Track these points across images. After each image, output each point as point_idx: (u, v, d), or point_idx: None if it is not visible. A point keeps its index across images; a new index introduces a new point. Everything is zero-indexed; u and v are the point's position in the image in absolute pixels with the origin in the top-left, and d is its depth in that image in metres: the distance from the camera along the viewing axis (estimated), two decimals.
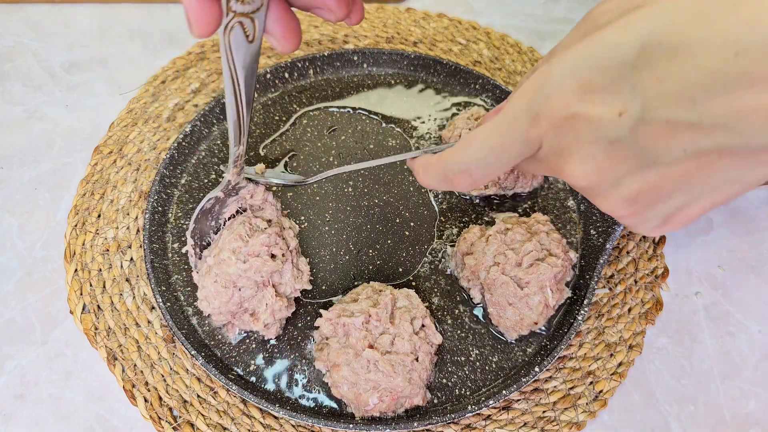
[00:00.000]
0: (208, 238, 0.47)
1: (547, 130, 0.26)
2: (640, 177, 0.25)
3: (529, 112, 0.25)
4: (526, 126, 0.26)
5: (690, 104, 0.22)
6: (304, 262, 0.48)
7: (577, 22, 0.28)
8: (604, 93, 0.23)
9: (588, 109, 0.24)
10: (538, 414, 0.45)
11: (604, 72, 0.23)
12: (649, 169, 0.25)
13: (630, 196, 0.26)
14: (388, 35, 0.71)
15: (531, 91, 0.25)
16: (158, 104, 0.62)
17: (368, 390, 0.42)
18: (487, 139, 0.27)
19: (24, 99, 0.64)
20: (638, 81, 0.23)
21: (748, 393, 0.47)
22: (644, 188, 0.25)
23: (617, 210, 0.27)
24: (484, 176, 0.29)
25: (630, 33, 0.23)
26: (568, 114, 0.24)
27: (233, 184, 0.44)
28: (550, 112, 0.25)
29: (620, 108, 0.23)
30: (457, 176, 0.29)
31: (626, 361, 0.48)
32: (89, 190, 0.56)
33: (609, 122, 0.24)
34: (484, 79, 0.62)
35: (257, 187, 0.47)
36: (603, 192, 0.26)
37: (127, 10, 0.73)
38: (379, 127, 0.60)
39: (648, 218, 0.27)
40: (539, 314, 0.46)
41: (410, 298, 0.46)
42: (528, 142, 0.26)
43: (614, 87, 0.23)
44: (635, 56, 0.22)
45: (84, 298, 0.49)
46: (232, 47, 0.32)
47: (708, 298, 0.52)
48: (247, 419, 0.44)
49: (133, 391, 0.45)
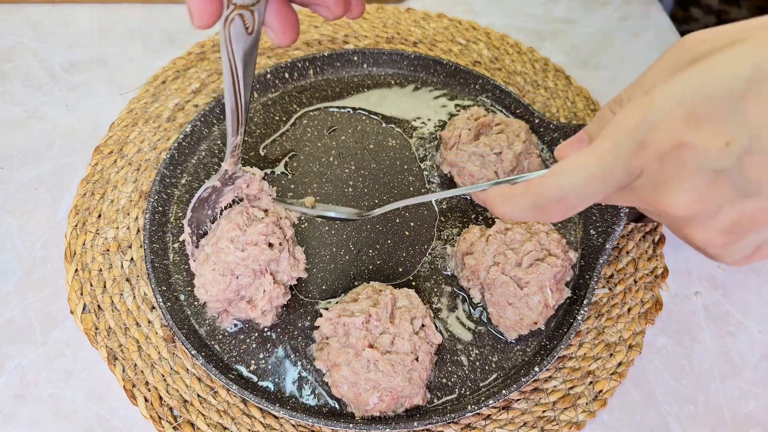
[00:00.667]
0: (204, 227, 0.48)
1: (651, 159, 0.25)
2: (739, 207, 0.25)
3: (633, 139, 0.25)
4: (629, 154, 0.26)
5: None
6: (300, 251, 0.48)
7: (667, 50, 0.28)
8: (712, 123, 0.24)
9: (696, 138, 0.24)
10: (538, 414, 0.45)
11: (712, 102, 0.23)
12: (749, 199, 0.25)
13: (726, 227, 0.26)
14: (388, 35, 0.71)
15: (634, 119, 0.25)
16: (158, 104, 0.63)
17: (368, 390, 0.42)
18: (586, 167, 0.27)
19: (24, 99, 0.64)
20: (746, 112, 0.23)
21: (748, 393, 0.47)
22: (742, 219, 0.26)
23: (713, 240, 0.27)
24: (580, 205, 0.28)
25: (737, 65, 0.23)
26: (675, 143, 0.24)
27: (230, 173, 0.45)
28: (657, 140, 0.25)
29: (728, 138, 0.23)
30: (551, 205, 0.28)
31: (626, 360, 0.48)
32: (89, 190, 0.56)
33: (716, 152, 0.24)
34: (484, 80, 0.62)
35: (253, 177, 0.47)
36: (701, 222, 0.26)
37: (127, 10, 0.73)
38: (379, 127, 0.60)
39: (738, 249, 0.27)
40: (539, 314, 0.46)
41: (410, 298, 0.46)
42: (629, 170, 0.26)
43: (722, 117, 0.23)
44: (742, 88, 0.23)
45: (84, 298, 0.49)
46: (232, 39, 0.32)
47: (708, 298, 0.52)
48: (248, 419, 0.44)
49: (133, 390, 0.45)
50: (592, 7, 0.77)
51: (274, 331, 0.47)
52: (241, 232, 0.45)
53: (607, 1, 0.78)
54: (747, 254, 0.28)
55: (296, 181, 0.56)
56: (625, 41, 0.74)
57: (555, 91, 0.66)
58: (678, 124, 0.24)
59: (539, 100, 0.65)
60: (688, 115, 0.24)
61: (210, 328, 0.47)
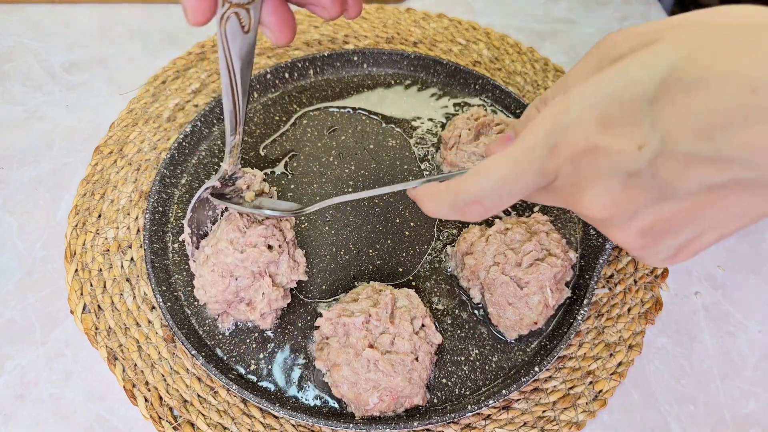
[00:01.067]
0: (205, 228, 0.48)
1: (564, 162, 0.25)
2: (655, 210, 0.25)
3: (546, 142, 0.25)
4: (543, 157, 0.26)
5: (708, 139, 0.22)
6: (301, 254, 0.48)
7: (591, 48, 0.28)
8: (624, 126, 0.23)
9: (608, 142, 0.24)
10: (538, 414, 0.45)
11: (625, 105, 0.23)
12: (664, 201, 0.25)
13: (645, 229, 0.26)
14: (388, 35, 0.71)
15: (549, 121, 0.25)
16: (158, 104, 0.63)
17: (368, 389, 0.42)
18: (502, 169, 0.27)
19: (24, 99, 0.64)
20: (658, 115, 0.23)
21: (748, 393, 0.47)
22: (659, 221, 0.26)
23: (631, 242, 0.27)
24: (497, 206, 0.28)
25: (650, 67, 0.23)
26: (588, 146, 0.24)
27: (230, 173, 0.44)
28: (569, 143, 0.25)
29: (640, 141, 0.23)
30: (468, 206, 0.29)
31: (626, 360, 0.48)
32: (89, 190, 0.56)
33: (629, 155, 0.24)
34: (484, 80, 0.62)
35: (254, 178, 0.47)
36: (618, 224, 0.26)
37: (127, 10, 0.73)
38: (379, 127, 0.60)
39: (659, 250, 0.27)
40: (539, 314, 0.46)
41: (410, 297, 0.46)
42: (544, 172, 0.26)
43: (634, 120, 0.23)
44: (655, 90, 0.23)
45: (84, 298, 0.49)
46: (228, 37, 0.32)
47: (708, 298, 0.52)
48: (248, 419, 0.44)
49: (133, 390, 0.45)
50: (592, 7, 0.77)
51: (274, 331, 0.47)
52: (240, 233, 0.45)
53: (607, 1, 0.78)
54: (669, 255, 0.28)
55: (296, 181, 0.56)
56: None
57: None
58: (590, 128, 0.24)
59: None
60: (601, 118, 0.24)
61: (210, 328, 0.47)
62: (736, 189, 0.23)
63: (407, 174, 0.57)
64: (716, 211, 0.24)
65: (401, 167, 0.58)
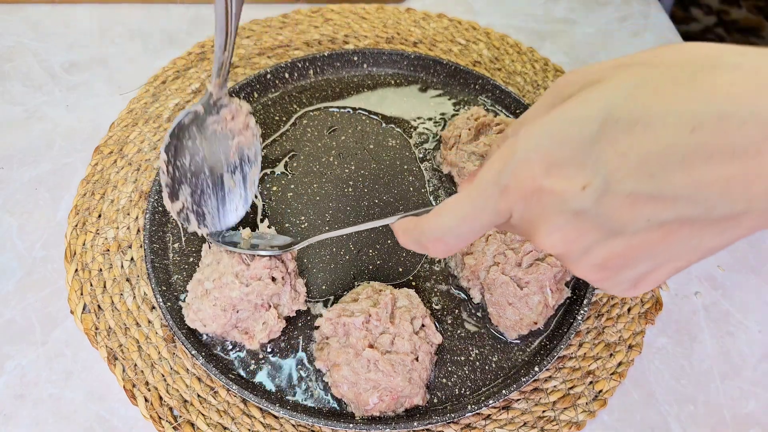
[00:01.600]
0: (182, 158, 0.44)
1: (516, 202, 0.26)
2: (607, 245, 0.26)
3: (497, 184, 0.26)
4: (495, 197, 0.26)
5: (650, 177, 0.22)
6: (301, 284, 0.48)
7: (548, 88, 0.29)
8: (567, 167, 0.24)
9: (552, 183, 0.24)
10: (538, 413, 0.45)
11: (567, 146, 0.24)
12: (615, 238, 0.25)
13: (598, 264, 0.27)
14: (388, 35, 0.71)
15: (499, 163, 0.26)
16: (158, 104, 0.63)
17: (368, 389, 0.42)
18: (460, 209, 0.28)
19: (24, 99, 0.64)
20: (600, 155, 0.23)
21: (748, 393, 0.47)
22: (611, 256, 0.26)
23: (588, 276, 0.28)
24: (458, 244, 0.29)
25: (590, 108, 0.23)
26: (535, 187, 0.25)
27: (215, 98, 0.42)
28: (517, 185, 0.25)
29: (584, 181, 0.24)
30: (431, 243, 0.30)
31: (626, 360, 0.48)
32: (89, 190, 0.56)
33: (573, 195, 0.24)
34: (484, 80, 0.62)
35: (240, 109, 0.44)
36: (573, 260, 0.27)
37: (127, 10, 0.73)
38: (379, 127, 0.61)
39: (618, 282, 0.28)
40: (539, 314, 0.46)
41: (410, 297, 0.46)
42: (498, 212, 0.27)
43: (577, 161, 0.24)
44: (596, 131, 0.23)
45: (84, 297, 0.49)
46: None
47: (708, 298, 0.52)
48: (248, 419, 0.44)
49: (133, 390, 0.45)
50: (592, 7, 0.77)
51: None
52: (245, 266, 0.45)
53: (607, 1, 0.78)
54: (629, 286, 0.28)
55: (296, 181, 0.56)
56: (625, 41, 0.74)
57: None
58: (536, 169, 0.25)
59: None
60: (546, 159, 0.24)
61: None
62: (685, 225, 0.24)
63: (407, 174, 0.57)
64: (669, 245, 0.25)
65: (401, 167, 0.58)
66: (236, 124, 0.45)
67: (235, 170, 0.48)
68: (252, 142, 0.47)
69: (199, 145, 0.45)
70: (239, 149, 0.47)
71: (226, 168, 0.47)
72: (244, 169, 0.48)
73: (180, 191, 0.44)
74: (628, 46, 0.73)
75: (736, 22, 1.18)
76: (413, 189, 0.56)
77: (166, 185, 0.43)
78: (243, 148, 0.47)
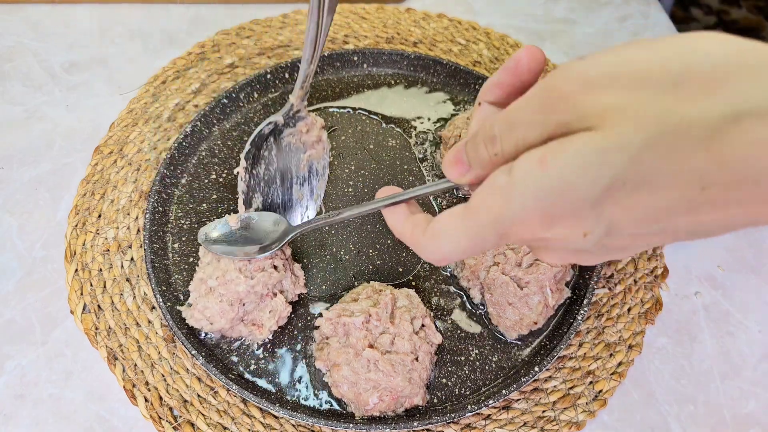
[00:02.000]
0: (258, 167, 0.46)
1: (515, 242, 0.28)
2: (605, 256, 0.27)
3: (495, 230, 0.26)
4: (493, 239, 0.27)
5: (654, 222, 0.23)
6: (298, 267, 0.49)
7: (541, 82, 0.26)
8: (568, 220, 0.24)
9: (552, 234, 0.25)
10: (538, 414, 0.45)
11: (568, 205, 0.23)
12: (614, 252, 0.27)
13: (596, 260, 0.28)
14: (388, 35, 0.71)
15: (493, 212, 0.25)
16: (158, 104, 0.63)
17: (368, 389, 0.42)
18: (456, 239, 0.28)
19: (24, 99, 0.64)
20: (603, 211, 0.23)
21: (748, 393, 0.47)
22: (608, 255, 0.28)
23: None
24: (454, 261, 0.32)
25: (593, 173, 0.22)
26: (534, 238, 0.26)
27: (296, 109, 0.43)
28: (516, 235, 0.26)
29: (585, 230, 0.24)
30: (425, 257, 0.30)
31: (626, 360, 0.48)
32: (89, 190, 0.56)
33: (574, 240, 0.25)
34: (484, 80, 0.62)
35: (314, 123, 0.45)
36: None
37: (127, 10, 0.73)
38: (379, 127, 0.61)
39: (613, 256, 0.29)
40: (539, 314, 0.46)
41: (410, 298, 0.46)
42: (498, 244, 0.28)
43: (578, 215, 0.24)
44: (600, 194, 0.22)
45: (84, 298, 0.49)
46: None
47: (708, 298, 0.52)
48: (248, 419, 0.44)
49: (133, 390, 0.45)
50: (592, 7, 0.77)
51: (274, 332, 0.47)
52: (246, 261, 0.45)
53: (607, 1, 0.78)
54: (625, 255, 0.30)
55: None
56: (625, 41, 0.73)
57: None
58: (535, 225, 0.25)
59: None
60: (544, 216, 0.24)
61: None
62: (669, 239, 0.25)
63: (407, 174, 0.57)
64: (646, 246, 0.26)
65: (401, 167, 0.58)
66: (310, 137, 0.47)
67: (304, 183, 0.49)
68: (322, 156, 0.48)
69: (274, 156, 0.46)
70: (309, 162, 0.48)
71: (296, 180, 0.49)
72: (312, 182, 0.50)
73: (253, 199, 0.47)
74: None
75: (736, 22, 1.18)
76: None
77: (242, 192, 0.46)
78: (313, 161, 0.49)
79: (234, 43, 0.69)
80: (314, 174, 0.50)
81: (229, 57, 0.67)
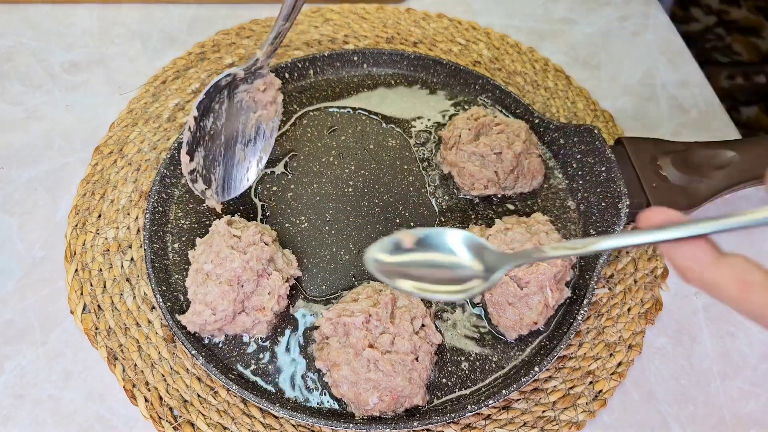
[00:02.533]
0: (206, 120, 0.44)
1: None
2: None
3: None
4: None
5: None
6: (289, 252, 0.49)
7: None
8: None
9: None
10: (538, 413, 0.45)
11: None
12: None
13: None
14: (388, 35, 0.71)
15: None
16: (158, 104, 0.63)
17: (368, 389, 0.42)
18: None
19: (23, 99, 0.64)
20: None
21: (748, 393, 0.47)
22: None
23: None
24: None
25: None
26: None
27: (259, 65, 0.42)
28: None
29: None
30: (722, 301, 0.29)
31: (626, 360, 0.48)
32: (89, 190, 0.56)
33: None
34: (484, 80, 0.62)
35: (273, 83, 0.44)
36: None
37: (127, 10, 0.73)
38: (379, 127, 0.61)
39: None
40: (539, 314, 0.46)
41: (410, 297, 0.46)
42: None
43: None
44: None
45: (84, 298, 0.49)
46: None
47: (708, 298, 0.52)
48: (248, 419, 0.44)
49: (133, 390, 0.45)
50: (591, 7, 0.77)
51: (274, 332, 0.47)
52: (237, 238, 0.45)
53: (607, 1, 0.78)
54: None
55: (296, 181, 0.56)
56: (625, 41, 0.74)
57: (555, 91, 0.66)
58: None
59: (539, 100, 0.65)
60: None
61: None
62: None
63: (407, 174, 0.57)
64: None
65: (401, 167, 0.58)
66: (265, 96, 0.46)
67: (248, 143, 0.48)
68: (272, 118, 0.47)
69: (224, 110, 0.45)
70: (258, 123, 0.47)
71: (240, 139, 0.47)
72: (257, 144, 0.48)
73: (196, 152, 0.45)
74: (628, 46, 0.73)
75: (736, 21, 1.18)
76: (413, 189, 0.56)
77: (187, 142, 0.44)
78: (262, 122, 0.47)
79: (234, 43, 0.69)
80: (261, 136, 0.48)
81: (229, 57, 0.67)
